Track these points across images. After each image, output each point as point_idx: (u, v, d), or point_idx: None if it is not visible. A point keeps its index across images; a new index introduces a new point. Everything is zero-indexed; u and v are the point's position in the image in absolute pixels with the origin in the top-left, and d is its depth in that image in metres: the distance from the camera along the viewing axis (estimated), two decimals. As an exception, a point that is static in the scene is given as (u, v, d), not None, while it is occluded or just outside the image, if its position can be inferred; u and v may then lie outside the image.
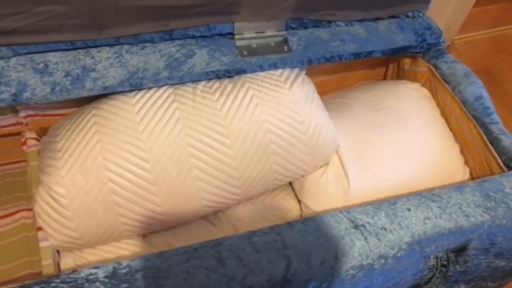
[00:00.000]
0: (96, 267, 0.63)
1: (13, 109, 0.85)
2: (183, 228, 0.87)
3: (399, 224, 0.72)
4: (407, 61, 1.11)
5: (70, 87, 0.77)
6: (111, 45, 0.81)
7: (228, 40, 0.87)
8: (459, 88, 0.95)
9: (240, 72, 0.86)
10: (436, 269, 0.83)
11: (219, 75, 0.85)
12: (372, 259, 0.70)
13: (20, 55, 0.77)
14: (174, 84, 0.83)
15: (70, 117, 0.81)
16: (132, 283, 0.62)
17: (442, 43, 1.03)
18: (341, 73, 1.16)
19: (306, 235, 0.69)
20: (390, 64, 1.18)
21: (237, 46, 0.87)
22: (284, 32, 0.91)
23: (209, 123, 0.78)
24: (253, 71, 0.86)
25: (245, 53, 0.86)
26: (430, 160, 0.91)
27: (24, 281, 0.68)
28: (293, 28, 0.92)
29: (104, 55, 0.80)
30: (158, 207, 0.78)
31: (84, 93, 0.77)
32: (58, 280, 0.62)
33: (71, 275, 0.62)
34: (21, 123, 0.87)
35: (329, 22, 0.94)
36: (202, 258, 0.65)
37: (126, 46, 0.82)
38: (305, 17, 0.91)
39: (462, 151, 0.95)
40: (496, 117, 0.90)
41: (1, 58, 0.76)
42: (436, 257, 0.81)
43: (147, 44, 0.83)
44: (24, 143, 0.86)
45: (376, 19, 0.98)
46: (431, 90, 1.04)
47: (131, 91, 0.81)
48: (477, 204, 0.76)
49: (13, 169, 0.98)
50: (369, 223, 0.71)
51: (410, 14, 1.01)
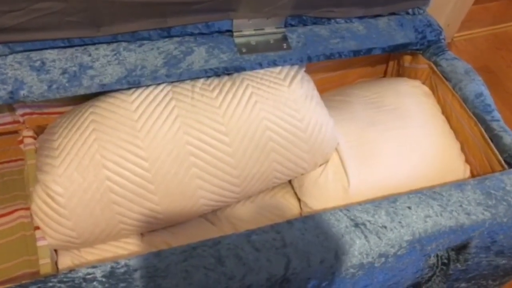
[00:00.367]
0: (94, 267, 0.63)
1: (10, 107, 0.85)
2: (181, 227, 0.87)
3: (400, 222, 0.71)
4: (407, 59, 1.10)
5: (67, 84, 0.76)
6: (108, 43, 0.81)
7: (227, 37, 0.87)
8: (460, 85, 0.94)
9: (239, 69, 0.85)
10: (437, 267, 0.83)
11: (218, 73, 0.84)
12: (373, 258, 0.69)
13: (16, 52, 0.76)
14: (172, 82, 0.82)
15: (67, 115, 0.81)
16: (130, 282, 0.61)
17: (443, 40, 1.02)
18: (341, 70, 1.15)
19: (305, 233, 0.68)
20: (390, 61, 1.18)
21: (236, 43, 0.86)
22: (283, 29, 0.91)
23: (207, 121, 0.78)
24: (252, 68, 0.86)
25: (244, 51, 0.86)
26: (430, 157, 0.90)
27: (21, 280, 0.68)
28: (292, 25, 0.91)
29: (101, 53, 0.79)
30: (157, 206, 0.77)
31: (81, 91, 0.77)
32: (55, 280, 0.61)
33: (69, 275, 0.62)
34: (18, 122, 0.87)
35: (329, 19, 0.93)
36: (201, 257, 0.64)
37: (123, 44, 0.81)
38: (304, 14, 0.90)
39: (462, 148, 0.95)
40: (497, 114, 0.89)
41: (-2, 55, 0.75)
42: (437, 256, 0.81)
43: (145, 42, 0.82)
44: (21, 142, 0.86)
45: (376, 16, 0.98)
46: (431, 88, 1.03)
47: (129, 88, 0.80)
48: (478, 202, 0.75)
49: (11, 168, 0.98)
50: (369, 221, 0.71)
51: (410, 11, 1.00)
